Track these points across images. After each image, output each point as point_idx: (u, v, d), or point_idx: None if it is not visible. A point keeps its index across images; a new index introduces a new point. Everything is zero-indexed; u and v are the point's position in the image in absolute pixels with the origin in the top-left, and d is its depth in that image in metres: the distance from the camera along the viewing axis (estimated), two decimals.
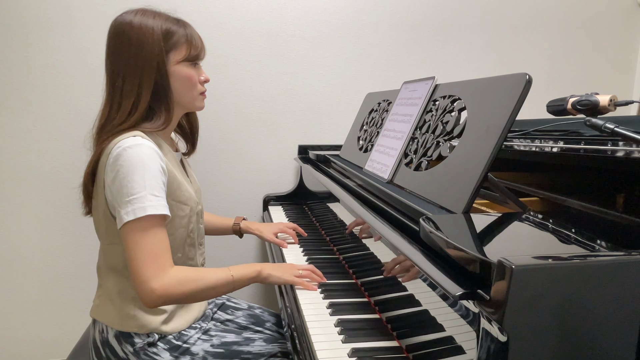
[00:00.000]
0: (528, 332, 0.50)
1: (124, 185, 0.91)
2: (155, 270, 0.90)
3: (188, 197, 1.07)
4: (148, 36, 0.99)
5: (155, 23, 1.00)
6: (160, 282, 0.90)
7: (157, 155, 0.96)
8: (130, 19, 1.00)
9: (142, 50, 0.99)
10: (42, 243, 1.86)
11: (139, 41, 0.99)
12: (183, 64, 1.04)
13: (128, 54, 0.99)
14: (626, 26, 2.23)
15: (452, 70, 2.10)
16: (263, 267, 1.07)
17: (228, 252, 2.02)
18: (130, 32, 0.99)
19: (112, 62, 1.01)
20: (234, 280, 1.01)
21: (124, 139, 0.94)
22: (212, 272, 1.00)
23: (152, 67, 0.99)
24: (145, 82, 0.99)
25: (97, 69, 1.78)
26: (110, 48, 1.02)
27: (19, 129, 1.77)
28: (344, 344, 0.84)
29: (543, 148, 1.09)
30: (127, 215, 0.90)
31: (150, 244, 0.91)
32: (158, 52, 1.00)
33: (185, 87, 1.06)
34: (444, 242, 0.63)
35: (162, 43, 1.00)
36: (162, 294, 0.90)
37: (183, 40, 1.03)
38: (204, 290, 0.97)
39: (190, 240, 1.11)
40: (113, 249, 1.02)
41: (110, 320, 1.03)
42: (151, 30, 0.99)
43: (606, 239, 0.64)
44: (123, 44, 1.00)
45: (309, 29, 1.95)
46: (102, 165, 0.97)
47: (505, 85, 0.81)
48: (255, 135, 1.97)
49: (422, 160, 0.99)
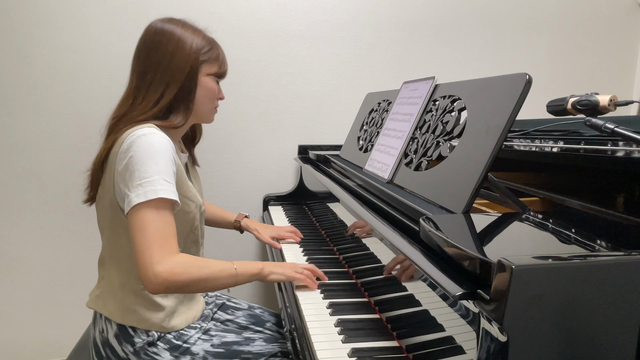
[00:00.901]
0: (528, 332, 0.50)
1: (137, 169, 0.92)
2: (161, 254, 0.89)
3: (193, 195, 1.09)
4: (189, 42, 1.05)
5: (196, 34, 1.08)
6: (166, 265, 0.88)
7: (170, 145, 0.98)
8: (172, 28, 1.06)
9: (181, 52, 1.04)
10: (42, 243, 1.86)
11: (179, 44, 1.04)
12: (211, 77, 1.11)
13: (165, 52, 1.04)
14: (626, 26, 2.23)
15: (452, 70, 2.10)
16: (265, 265, 1.07)
17: (228, 253, 2.02)
18: (172, 35, 1.05)
19: (146, 57, 1.05)
20: (237, 274, 1.01)
21: (138, 129, 0.97)
22: (217, 262, 1.01)
23: (185, 70, 1.05)
24: (173, 83, 1.04)
25: (97, 68, 1.79)
26: (146, 44, 1.06)
27: (19, 128, 1.77)
28: (344, 344, 0.84)
29: (543, 148, 1.09)
30: (137, 198, 0.90)
31: (159, 226, 0.90)
32: (194, 59, 1.06)
33: (206, 97, 1.11)
34: (444, 242, 0.63)
35: (199, 53, 1.07)
36: (167, 277, 0.88)
37: (215, 57, 1.11)
38: (208, 280, 0.96)
39: (193, 237, 1.12)
40: (118, 240, 1.02)
41: (110, 311, 1.03)
42: (192, 39, 1.06)
43: (606, 239, 0.65)
44: (162, 43, 1.04)
45: (309, 29, 1.95)
46: (114, 154, 0.98)
47: (505, 85, 0.81)
48: (255, 135, 1.97)
49: (422, 160, 0.99)
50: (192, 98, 1.08)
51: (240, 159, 1.97)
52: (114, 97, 1.10)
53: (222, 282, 0.99)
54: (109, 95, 1.78)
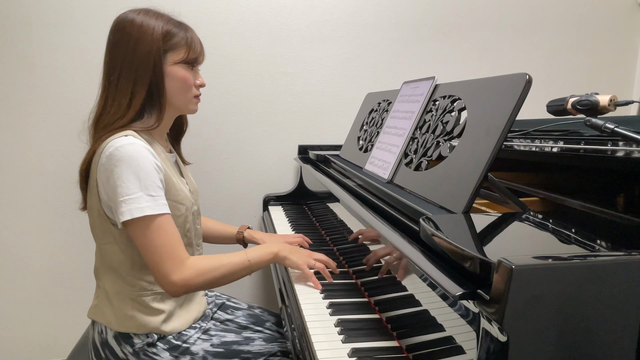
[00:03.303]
0: (528, 332, 0.50)
1: (118, 184, 0.92)
2: (172, 265, 0.94)
3: (183, 197, 1.07)
4: (148, 34, 1.00)
5: (157, 23, 1.01)
6: (179, 275, 0.94)
7: (150, 153, 0.96)
8: (132, 17, 1.01)
9: (140, 47, 0.99)
10: (42, 243, 1.86)
11: (137, 38, 1.00)
12: (180, 65, 1.05)
13: (126, 49, 1.00)
14: (626, 26, 2.23)
15: (452, 70, 2.10)
16: (280, 249, 1.09)
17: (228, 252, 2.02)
18: (131, 29, 1.00)
19: (110, 56, 1.03)
20: (250, 265, 1.06)
21: (116, 139, 0.95)
22: (229, 257, 1.04)
23: (149, 65, 1.00)
24: (140, 80, 1.00)
25: (96, 68, 1.77)
26: (109, 43, 1.03)
27: (18, 129, 1.77)
28: (344, 344, 0.84)
29: (543, 148, 1.09)
30: (122, 216, 0.91)
31: (160, 241, 0.93)
32: (156, 51, 1.00)
33: (179, 88, 1.06)
34: (444, 242, 0.63)
35: (160, 42, 1.01)
36: (183, 285, 0.95)
37: (182, 43, 1.04)
38: (224, 277, 1.02)
39: (187, 240, 1.11)
40: (109, 248, 1.02)
41: (108, 321, 1.03)
42: (152, 29, 1.00)
43: (606, 239, 0.64)
44: (122, 39, 1.01)
45: (309, 29, 1.95)
46: (95, 164, 0.97)
47: (505, 85, 0.81)
48: (255, 135, 1.97)
49: (422, 160, 0.99)
50: (163, 93, 1.02)
51: (240, 159, 1.97)
52: None
53: (238, 275, 1.05)
54: None
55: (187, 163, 1.26)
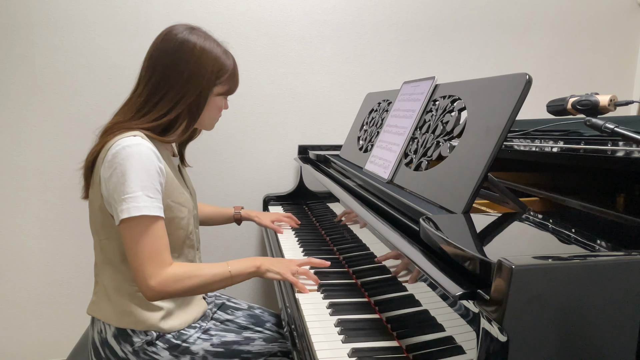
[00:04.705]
0: (528, 332, 0.50)
1: (120, 182, 0.92)
2: (153, 269, 0.93)
3: (185, 200, 1.08)
4: (207, 66, 1.03)
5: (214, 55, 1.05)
6: (157, 279, 0.93)
7: (155, 155, 0.97)
8: (194, 42, 1.03)
9: (195, 77, 1.03)
10: (42, 243, 1.86)
11: (196, 67, 1.02)
12: (221, 96, 1.11)
13: (180, 74, 1.02)
14: (626, 26, 2.23)
15: (452, 70, 2.10)
16: (262, 262, 1.08)
17: (226, 255, 2.02)
18: (191, 56, 1.02)
19: (162, 74, 1.02)
20: (231, 276, 1.03)
21: (123, 138, 0.96)
22: (210, 267, 1.02)
23: (196, 91, 1.03)
24: (184, 101, 1.03)
25: (96, 68, 1.78)
26: (167, 55, 1.02)
27: (19, 128, 1.77)
28: (344, 344, 0.84)
29: (543, 148, 1.09)
30: (121, 213, 0.92)
31: (148, 243, 0.93)
32: (206, 82, 1.04)
33: (212, 114, 1.12)
34: (444, 242, 0.63)
35: (214, 77, 1.05)
36: (160, 290, 0.94)
37: (229, 77, 1.09)
38: (201, 286, 1.01)
39: (189, 242, 1.12)
40: (109, 243, 1.02)
41: (107, 317, 1.03)
42: (211, 62, 1.04)
43: (606, 239, 0.64)
44: (181, 63, 1.02)
45: (309, 29, 1.95)
46: (100, 160, 0.98)
47: (505, 85, 0.81)
48: (255, 135, 1.97)
49: (422, 160, 0.99)
50: (197, 117, 1.07)
51: (240, 159, 1.97)
52: (113, 97, 1.10)
53: (216, 286, 1.03)
54: (108, 95, 1.78)
55: (187, 166, 1.26)
